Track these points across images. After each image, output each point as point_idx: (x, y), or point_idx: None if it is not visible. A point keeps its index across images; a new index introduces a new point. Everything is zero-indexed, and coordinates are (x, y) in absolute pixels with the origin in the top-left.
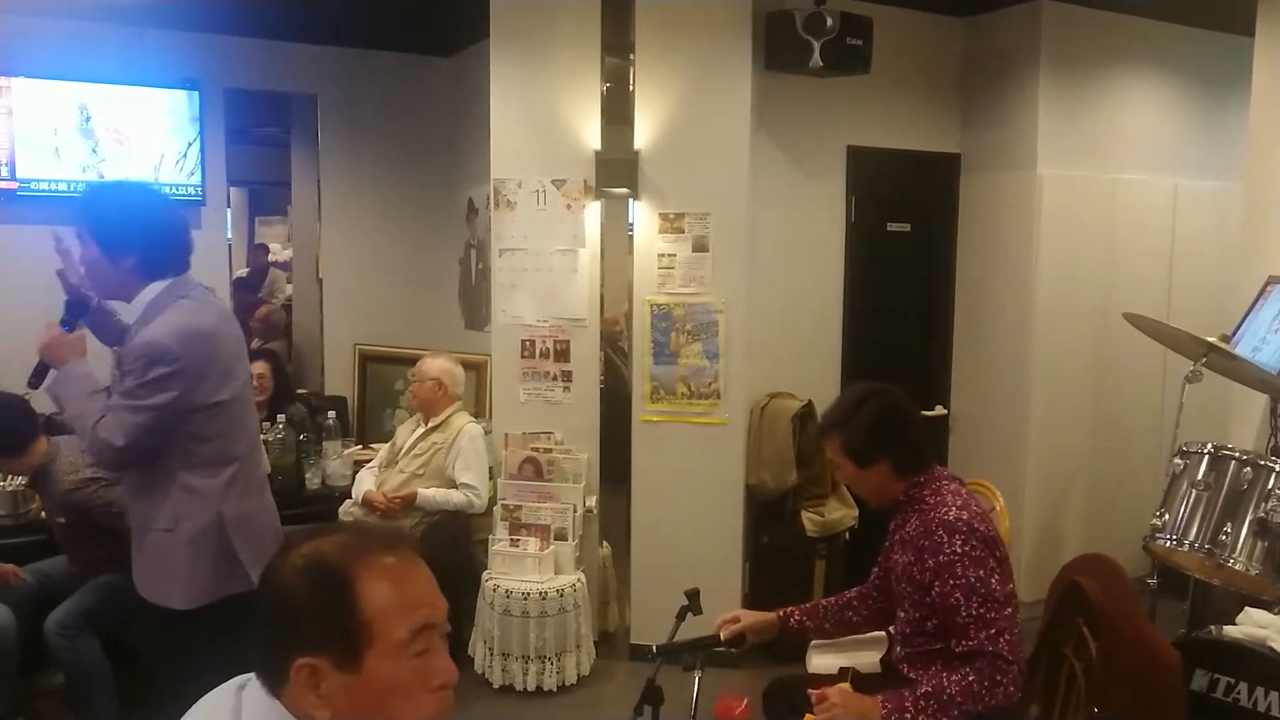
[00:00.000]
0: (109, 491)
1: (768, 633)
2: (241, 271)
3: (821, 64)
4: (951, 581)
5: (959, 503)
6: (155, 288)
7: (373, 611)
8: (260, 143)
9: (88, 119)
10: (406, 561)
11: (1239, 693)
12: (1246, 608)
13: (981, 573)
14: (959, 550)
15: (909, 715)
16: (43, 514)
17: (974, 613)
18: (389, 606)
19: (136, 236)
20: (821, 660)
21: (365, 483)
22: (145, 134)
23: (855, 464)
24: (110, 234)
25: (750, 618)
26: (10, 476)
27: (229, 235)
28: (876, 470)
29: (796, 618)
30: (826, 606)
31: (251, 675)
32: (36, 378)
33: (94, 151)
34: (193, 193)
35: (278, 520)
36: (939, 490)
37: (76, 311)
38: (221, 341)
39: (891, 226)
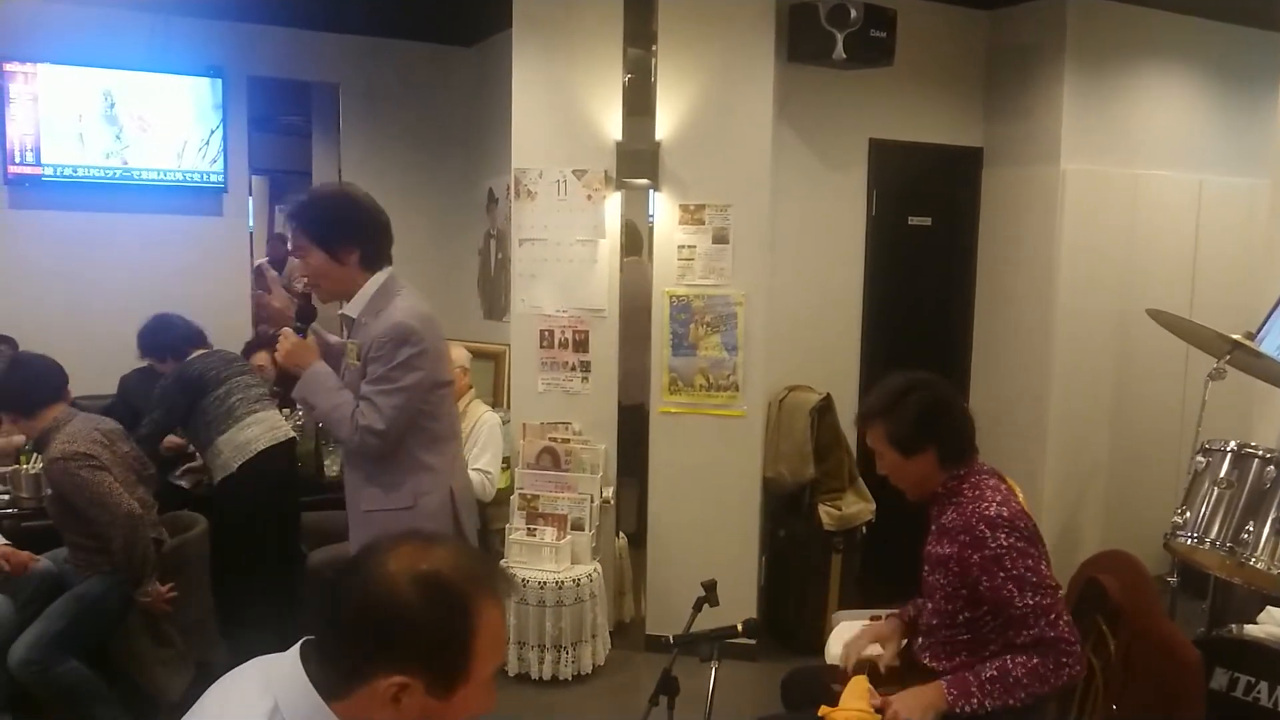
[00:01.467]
0: (93, 474)
1: (897, 637)
2: (261, 260)
3: (845, 56)
4: (1001, 575)
5: (999, 498)
6: (376, 280)
7: (481, 646)
8: (282, 131)
9: (112, 105)
10: (502, 601)
11: (1259, 692)
12: (1268, 607)
13: (1029, 562)
14: (1004, 544)
15: (975, 700)
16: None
17: (1030, 603)
18: (490, 644)
19: (353, 232)
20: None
21: None
22: (169, 121)
23: (900, 454)
24: (332, 234)
25: (874, 635)
26: (35, 459)
27: (250, 223)
28: (922, 460)
29: (910, 614)
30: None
31: (267, 656)
32: (278, 384)
33: (118, 138)
34: (215, 180)
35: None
36: (978, 484)
37: (306, 318)
38: (438, 324)
39: (913, 220)
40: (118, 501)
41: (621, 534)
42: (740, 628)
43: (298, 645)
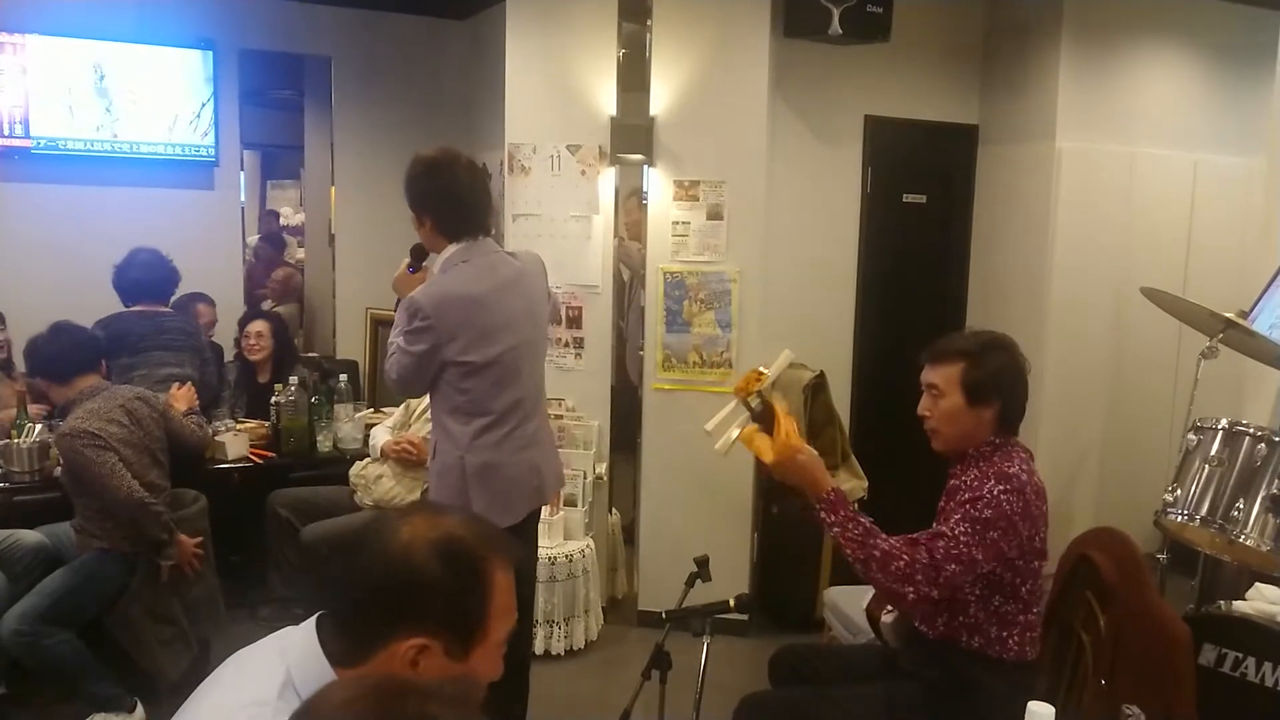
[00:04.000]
0: (95, 454)
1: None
2: (252, 237)
3: (841, 31)
4: (966, 510)
5: (1026, 467)
6: (449, 249)
7: (495, 608)
8: (274, 105)
9: (102, 78)
10: (511, 565)
11: (1246, 667)
12: (1257, 583)
13: (991, 516)
14: (995, 494)
15: (835, 519)
16: (58, 469)
17: (954, 531)
18: (503, 607)
19: (422, 201)
20: None
21: (381, 437)
22: (160, 94)
23: (967, 399)
24: (409, 197)
25: None
26: (27, 433)
27: (242, 198)
28: (982, 412)
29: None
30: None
31: (285, 629)
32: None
33: (108, 110)
34: (206, 154)
35: (537, 479)
36: (1010, 454)
37: (419, 256)
38: (482, 309)
39: (907, 197)
40: (118, 484)
41: (614, 510)
42: (732, 603)
43: (314, 617)
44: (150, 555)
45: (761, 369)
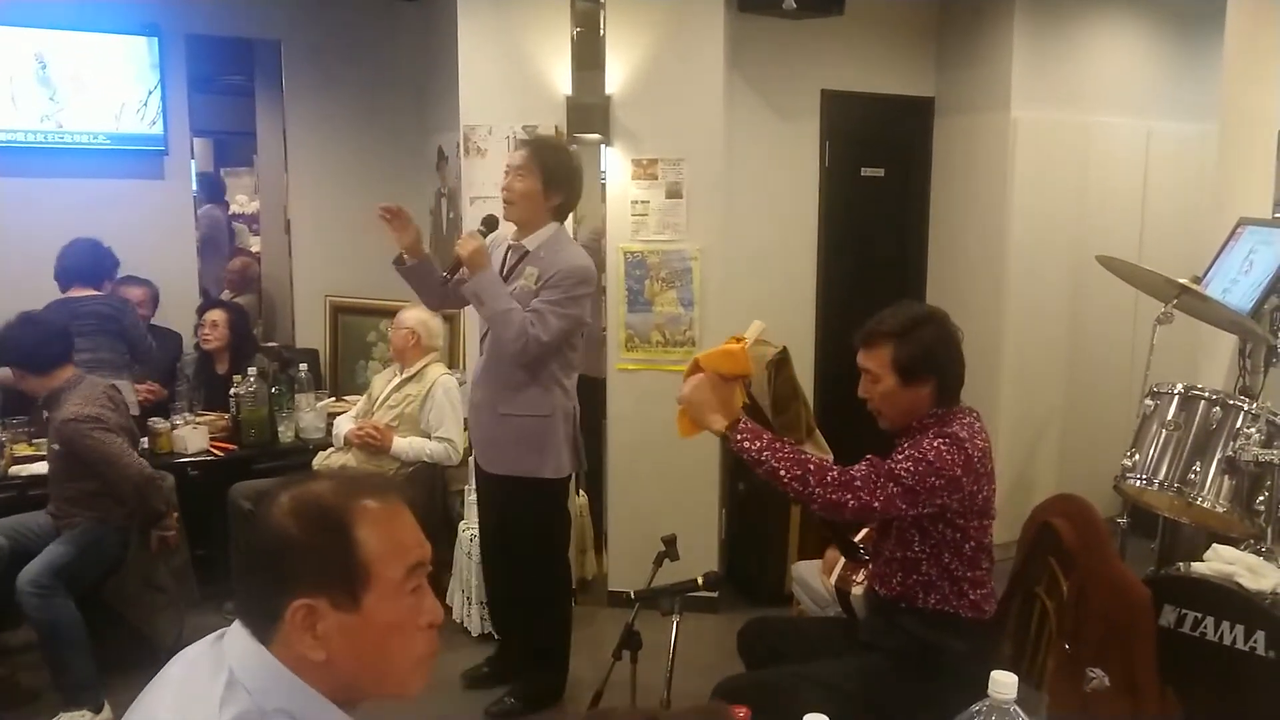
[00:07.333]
0: (104, 436)
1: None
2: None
3: (795, 5)
4: (909, 452)
5: (970, 429)
6: (554, 226)
7: (370, 552)
8: (224, 91)
9: (44, 67)
10: (394, 504)
11: (1205, 627)
12: (1214, 544)
13: (933, 460)
14: (934, 445)
15: (762, 443)
16: (10, 469)
17: (898, 460)
18: (385, 548)
19: (568, 184)
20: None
21: (344, 426)
22: (105, 82)
23: (900, 379)
24: (555, 175)
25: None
26: None
27: (194, 187)
28: (918, 390)
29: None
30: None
31: (226, 629)
32: (450, 273)
33: (53, 100)
34: (155, 143)
35: None
36: (951, 419)
37: (491, 226)
38: None
39: (866, 171)
40: (129, 462)
41: (582, 492)
42: (700, 581)
43: None
44: (145, 528)
45: (739, 336)
